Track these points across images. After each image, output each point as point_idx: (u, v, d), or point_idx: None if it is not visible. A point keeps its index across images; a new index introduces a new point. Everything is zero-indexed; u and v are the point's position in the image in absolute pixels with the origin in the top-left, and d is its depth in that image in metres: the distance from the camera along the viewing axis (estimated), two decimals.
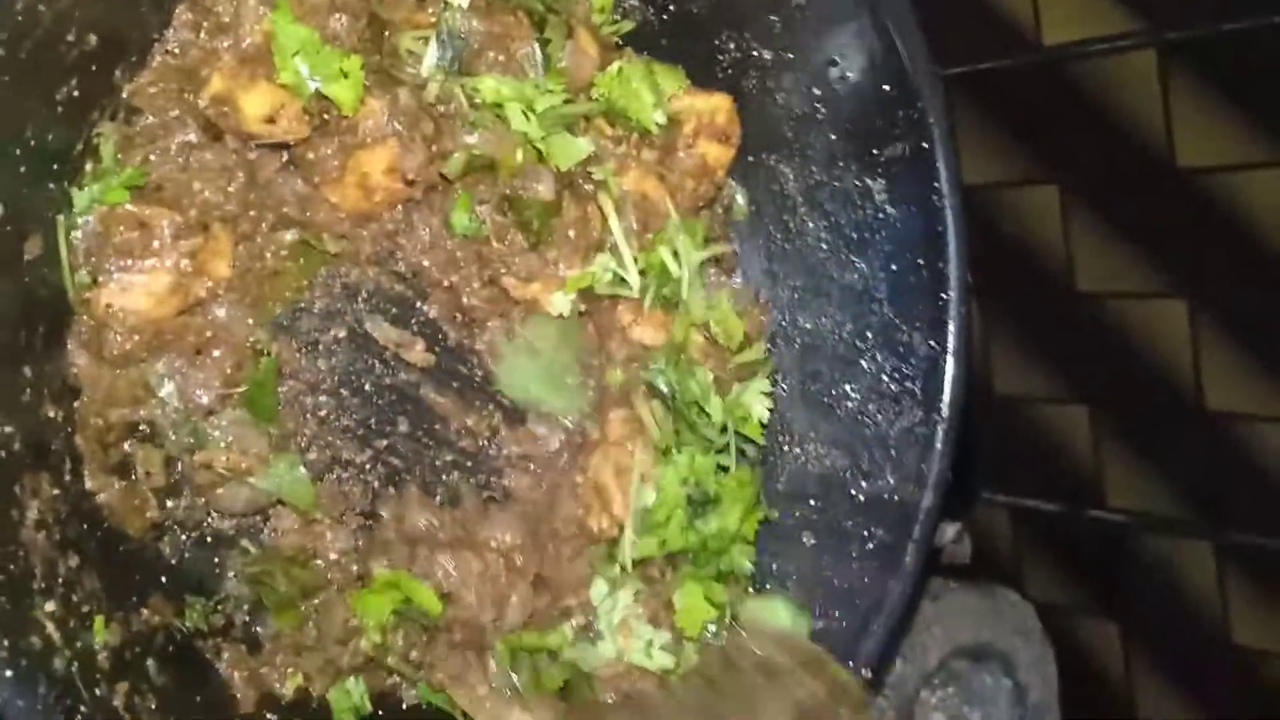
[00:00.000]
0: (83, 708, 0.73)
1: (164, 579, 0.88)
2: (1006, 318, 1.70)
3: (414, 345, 0.98)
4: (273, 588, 0.91)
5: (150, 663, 0.82)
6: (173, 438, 0.87)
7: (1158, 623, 1.60)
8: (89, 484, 0.83)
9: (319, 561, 0.93)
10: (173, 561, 0.89)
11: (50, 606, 0.73)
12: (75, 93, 0.80)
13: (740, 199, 1.08)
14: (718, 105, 1.01)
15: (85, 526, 0.81)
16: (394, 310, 0.99)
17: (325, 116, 0.86)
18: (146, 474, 0.86)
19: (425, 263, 0.97)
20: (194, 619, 0.88)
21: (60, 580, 0.76)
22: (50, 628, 0.72)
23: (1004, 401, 1.71)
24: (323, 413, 0.96)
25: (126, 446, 0.86)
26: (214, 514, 0.91)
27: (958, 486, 1.01)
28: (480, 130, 0.89)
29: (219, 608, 0.90)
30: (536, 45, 0.92)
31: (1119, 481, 1.61)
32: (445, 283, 0.97)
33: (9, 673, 0.68)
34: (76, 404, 0.84)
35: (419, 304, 1.00)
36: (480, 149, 0.90)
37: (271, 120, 0.84)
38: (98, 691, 0.75)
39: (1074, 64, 1.52)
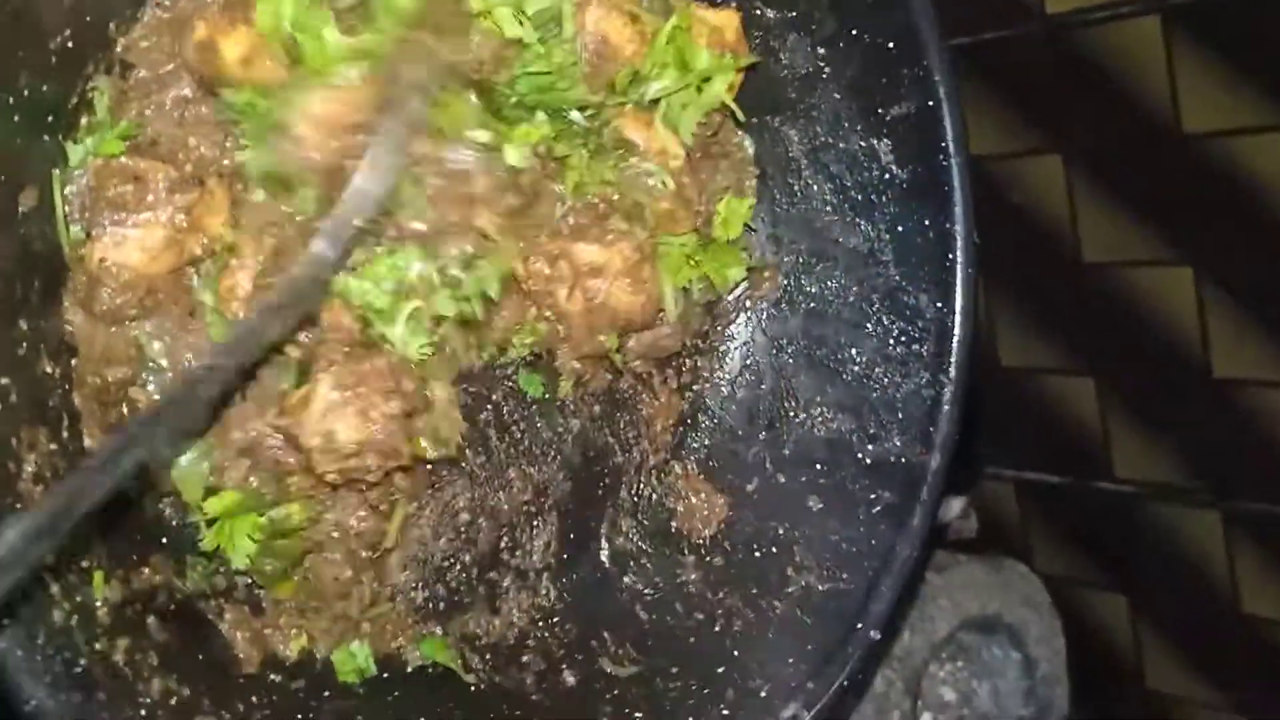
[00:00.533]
0: (82, 660, 0.72)
1: (164, 539, 0.87)
2: (1011, 289, 1.69)
3: None
4: (261, 570, 0.90)
5: (151, 620, 0.81)
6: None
7: (1166, 593, 1.60)
8: (87, 441, 0.82)
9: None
10: (173, 523, 0.88)
11: (48, 559, 0.72)
12: (69, 44, 0.79)
13: (750, 148, 1.07)
14: (726, 21, 0.99)
15: None
16: None
17: None
18: None
19: None
20: (196, 580, 0.87)
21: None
22: (48, 579, 0.72)
23: (1009, 373, 1.71)
24: None
25: (125, 407, 0.85)
26: None
27: (961, 458, 1.00)
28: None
29: (220, 569, 0.89)
30: None
31: (1126, 452, 1.60)
32: None
33: (7, 621, 0.67)
34: (74, 361, 0.83)
35: None
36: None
37: (248, 62, 0.83)
38: (98, 646, 0.74)
39: (1077, 32, 1.51)
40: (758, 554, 1.03)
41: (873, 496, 0.99)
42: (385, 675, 0.94)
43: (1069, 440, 1.66)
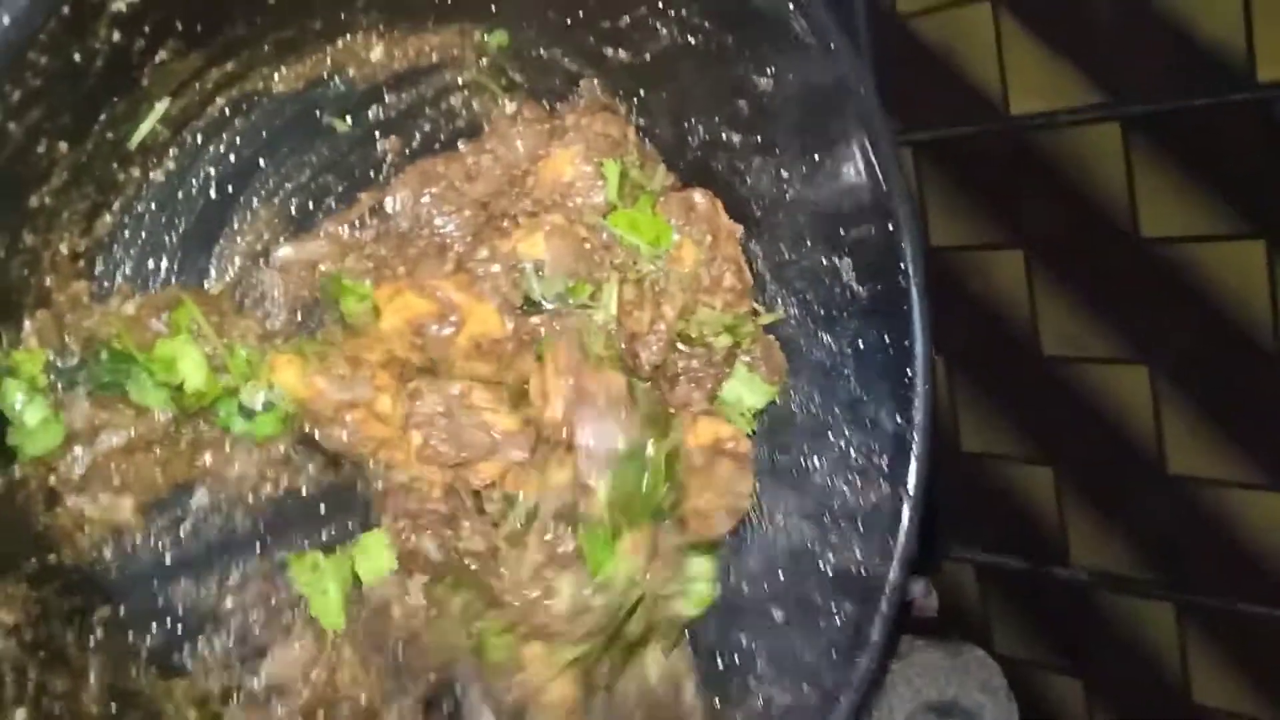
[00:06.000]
0: None
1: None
2: (973, 378, 1.71)
3: None
4: None
5: None
6: None
7: (1120, 680, 1.61)
8: None
9: None
10: None
11: (20, 715, 0.73)
12: None
13: None
14: None
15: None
16: None
17: None
18: None
19: None
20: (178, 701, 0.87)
21: (31, 683, 0.75)
22: None
23: (971, 460, 1.73)
24: None
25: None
26: None
27: (924, 540, 1.01)
28: None
29: (207, 703, 0.89)
30: None
31: (1082, 541, 1.62)
32: None
33: None
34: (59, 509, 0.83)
35: None
36: None
37: None
38: None
39: (1040, 134, 1.55)
40: (720, 664, 1.04)
41: (834, 607, 1.00)
42: None
43: (1027, 527, 1.68)
